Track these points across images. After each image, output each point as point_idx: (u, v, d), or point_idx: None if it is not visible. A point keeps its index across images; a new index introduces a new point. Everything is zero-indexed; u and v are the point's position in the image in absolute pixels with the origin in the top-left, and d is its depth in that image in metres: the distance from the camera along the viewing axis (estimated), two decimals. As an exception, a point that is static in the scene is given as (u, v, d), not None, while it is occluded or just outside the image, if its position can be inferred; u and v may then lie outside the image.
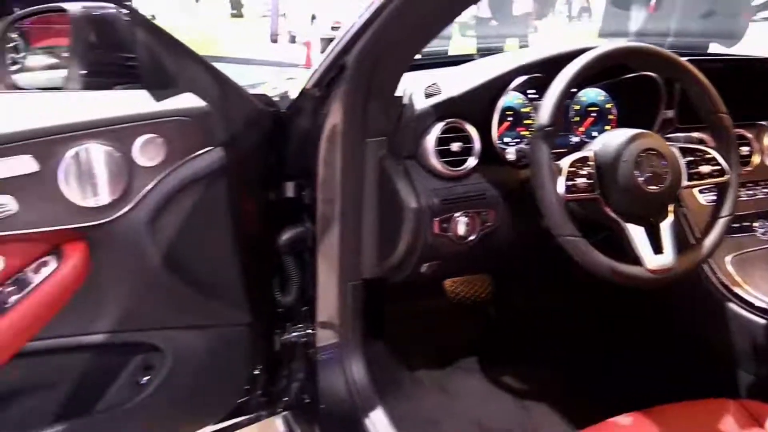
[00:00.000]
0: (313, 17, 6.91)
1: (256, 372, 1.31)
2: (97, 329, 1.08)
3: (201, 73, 1.08)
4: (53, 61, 1.41)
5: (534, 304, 1.91)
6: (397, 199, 1.17)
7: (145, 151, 1.02)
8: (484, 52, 1.64)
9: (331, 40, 1.15)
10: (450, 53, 2.65)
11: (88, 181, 0.97)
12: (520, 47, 4.56)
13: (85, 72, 1.12)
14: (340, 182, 1.15)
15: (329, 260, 1.21)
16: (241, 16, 10.66)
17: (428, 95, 1.23)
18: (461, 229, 1.20)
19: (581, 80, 1.09)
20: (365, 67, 1.09)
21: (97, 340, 1.09)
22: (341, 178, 1.15)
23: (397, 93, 1.20)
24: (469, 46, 5.32)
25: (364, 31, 1.03)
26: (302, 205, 1.25)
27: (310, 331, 1.30)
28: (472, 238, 1.22)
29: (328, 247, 1.20)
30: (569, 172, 1.05)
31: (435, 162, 1.19)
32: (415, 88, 1.24)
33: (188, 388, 1.20)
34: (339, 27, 1.38)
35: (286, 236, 1.25)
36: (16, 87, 1.22)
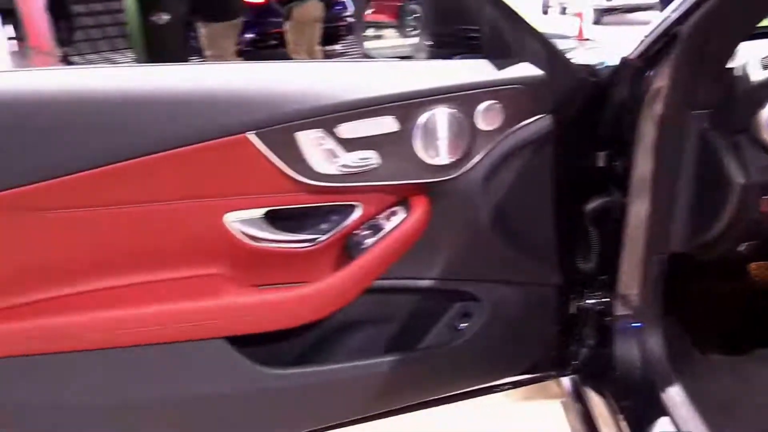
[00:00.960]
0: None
1: (555, 332, 1.38)
2: (428, 275, 1.23)
3: (536, 43, 1.16)
4: (378, 33, 1.60)
5: None
6: (720, 174, 1.14)
7: (486, 117, 1.13)
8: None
9: (605, 10, 1.14)
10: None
11: (436, 142, 1.11)
12: None
13: (432, 43, 1.26)
14: (657, 153, 1.15)
15: (637, 231, 1.22)
16: (512, -12, 10.60)
17: (766, 66, 1.16)
18: (791, 209, 1.13)
19: None
20: (699, 38, 1.07)
21: (427, 284, 1.24)
22: (658, 149, 1.15)
23: (730, 64, 1.16)
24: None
25: (703, 2, 1.02)
26: (612, 174, 1.27)
27: (607, 299, 1.33)
28: None
29: (637, 219, 1.21)
30: None
31: None
32: (751, 59, 1.18)
33: (499, 338, 1.31)
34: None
35: (592, 205, 1.29)
36: (367, 56, 1.41)
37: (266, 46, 6.78)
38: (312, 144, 1.04)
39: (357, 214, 1.15)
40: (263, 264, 1.14)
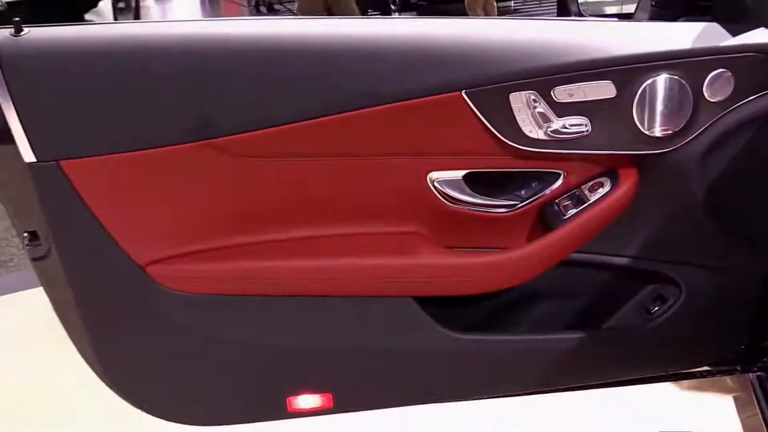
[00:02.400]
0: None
1: (752, 325, 1.27)
2: (626, 252, 1.16)
3: None
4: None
5: None
6: None
7: (714, 87, 1.02)
8: None
9: None
10: None
11: (656, 112, 1.02)
12: None
13: (655, 2, 1.17)
14: None
15: None
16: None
17: None
18: None
19: None
20: None
21: (622, 262, 1.17)
22: None
23: None
24: None
25: None
26: None
27: None
28: None
29: None
30: None
31: None
32: None
33: (691, 326, 1.22)
34: None
35: None
36: (580, 14, 1.34)
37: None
38: (524, 107, 1.01)
39: (559, 182, 1.11)
40: (460, 226, 1.13)
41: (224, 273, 1.06)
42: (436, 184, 1.07)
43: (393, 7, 7.32)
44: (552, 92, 1.00)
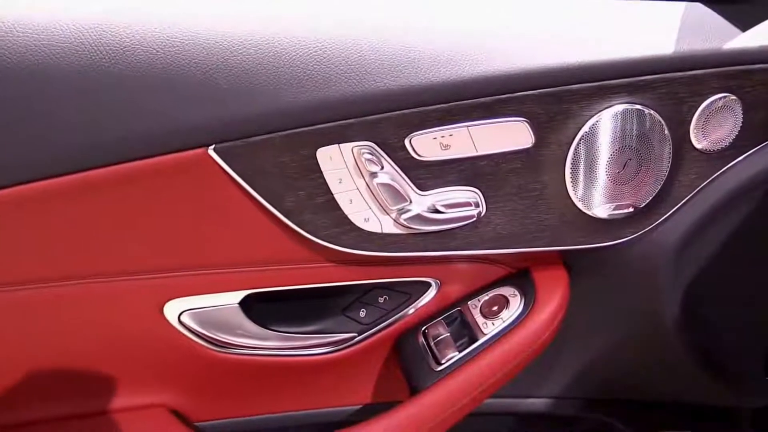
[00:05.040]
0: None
1: None
2: (550, 392, 0.71)
3: None
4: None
5: None
6: None
7: (709, 123, 0.57)
8: None
9: None
10: None
11: (604, 173, 0.57)
12: None
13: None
14: None
15: None
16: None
17: None
18: None
19: None
20: None
21: (541, 407, 0.73)
22: None
23: None
24: None
25: None
26: None
27: None
28: None
29: None
30: None
31: None
32: None
33: None
34: None
35: None
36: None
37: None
38: (349, 175, 0.52)
39: (429, 296, 0.65)
40: (244, 386, 0.62)
41: None
42: (185, 320, 0.56)
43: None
44: (408, 142, 0.52)
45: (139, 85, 0.47)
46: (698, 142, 0.58)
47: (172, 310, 0.58)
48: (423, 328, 0.65)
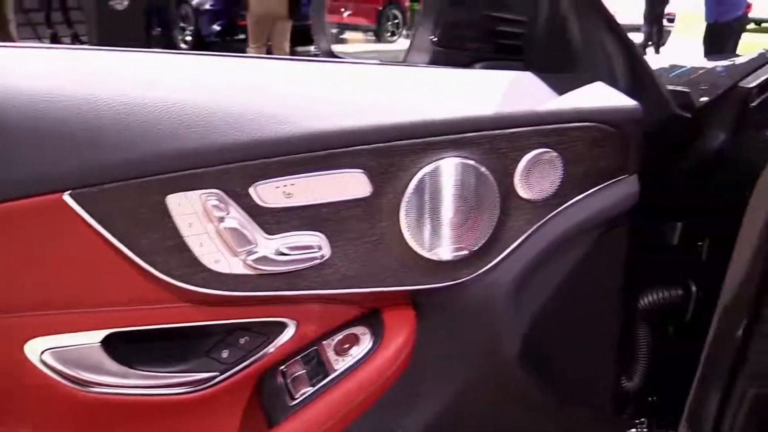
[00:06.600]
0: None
1: None
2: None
3: (616, 51, 0.66)
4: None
5: None
6: None
7: (531, 174, 0.64)
8: None
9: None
10: None
11: (441, 219, 0.62)
12: None
13: (437, 39, 0.75)
14: None
15: (728, 351, 0.75)
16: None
17: None
18: None
19: None
20: None
21: None
22: None
23: None
24: None
25: None
26: (688, 258, 0.85)
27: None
28: None
29: (727, 326, 0.74)
30: None
31: None
32: None
33: None
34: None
35: (648, 299, 0.87)
36: (331, 55, 0.91)
37: (234, 39, 6.11)
38: (199, 218, 0.56)
39: (287, 336, 0.67)
40: (111, 423, 0.63)
41: None
42: (46, 358, 0.56)
43: (183, 45, 6.59)
44: (252, 190, 0.57)
45: None
46: (524, 192, 0.66)
47: (33, 348, 0.60)
48: (281, 367, 0.69)
